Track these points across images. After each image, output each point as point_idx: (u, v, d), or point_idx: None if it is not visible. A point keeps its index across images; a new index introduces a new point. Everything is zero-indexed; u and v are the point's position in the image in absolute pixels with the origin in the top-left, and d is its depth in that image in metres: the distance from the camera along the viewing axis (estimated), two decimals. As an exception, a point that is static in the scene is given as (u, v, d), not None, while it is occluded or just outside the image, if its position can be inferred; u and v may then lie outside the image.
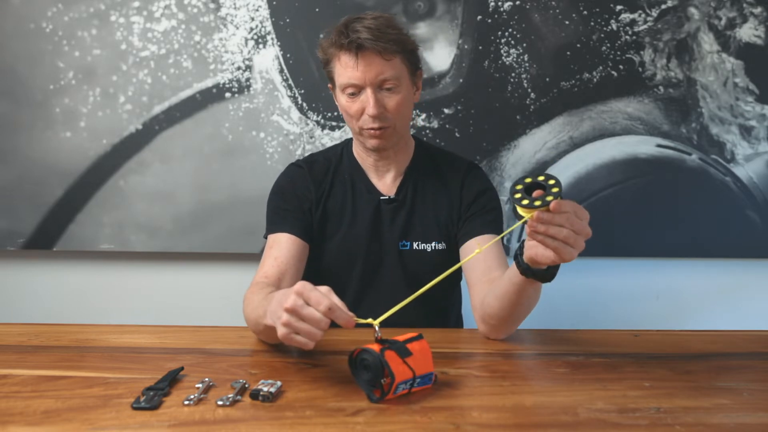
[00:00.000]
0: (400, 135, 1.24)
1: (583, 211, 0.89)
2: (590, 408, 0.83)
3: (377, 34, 1.12)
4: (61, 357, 1.01)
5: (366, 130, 1.19)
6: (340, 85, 1.17)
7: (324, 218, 1.26)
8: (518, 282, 0.99)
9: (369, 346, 0.84)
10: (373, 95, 1.15)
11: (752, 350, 1.09)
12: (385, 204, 1.27)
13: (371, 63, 1.13)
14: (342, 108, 1.20)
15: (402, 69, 1.17)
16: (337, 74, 1.17)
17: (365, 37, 1.11)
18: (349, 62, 1.14)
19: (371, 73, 1.14)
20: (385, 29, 1.14)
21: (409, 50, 1.19)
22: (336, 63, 1.17)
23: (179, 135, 1.78)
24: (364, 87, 1.15)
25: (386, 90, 1.16)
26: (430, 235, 1.26)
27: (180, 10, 1.75)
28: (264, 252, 1.22)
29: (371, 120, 1.17)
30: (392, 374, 0.82)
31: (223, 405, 0.82)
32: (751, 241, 1.81)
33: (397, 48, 1.15)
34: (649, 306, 1.87)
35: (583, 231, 0.88)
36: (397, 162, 1.29)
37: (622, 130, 1.78)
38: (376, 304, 1.23)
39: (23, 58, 1.76)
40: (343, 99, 1.18)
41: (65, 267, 1.86)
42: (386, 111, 1.17)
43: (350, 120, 1.20)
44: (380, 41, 1.12)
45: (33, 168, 1.78)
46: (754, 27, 1.76)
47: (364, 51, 1.12)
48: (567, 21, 1.76)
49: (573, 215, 0.87)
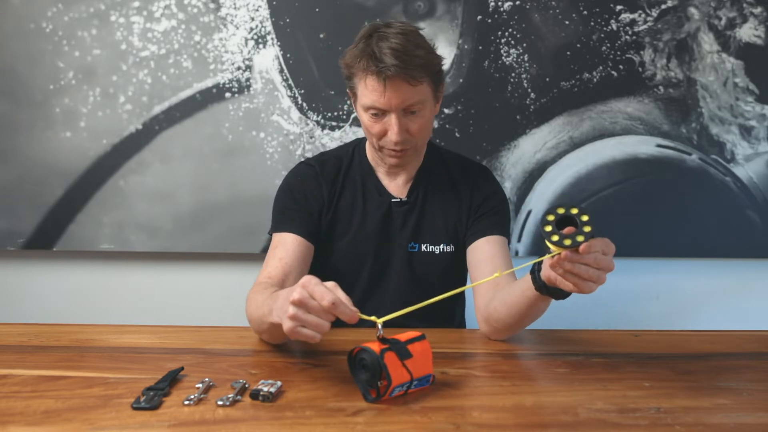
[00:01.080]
0: (420, 152, 1.25)
1: (611, 246, 0.88)
2: (590, 408, 0.83)
3: (405, 59, 1.08)
4: (61, 357, 1.01)
5: (387, 150, 1.19)
6: (364, 105, 1.15)
7: (334, 218, 1.26)
8: (531, 296, 0.99)
9: (369, 345, 0.84)
10: (397, 121, 1.13)
11: (752, 350, 1.09)
12: (396, 206, 1.27)
13: (398, 89, 1.10)
14: (363, 124, 1.19)
15: (428, 92, 1.15)
16: (361, 94, 1.15)
17: (392, 63, 1.08)
18: (377, 87, 1.11)
19: (397, 99, 1.11)
20: (413, 51, 1.10)
21: (436, 71, 1.16)
22: (361, 83, 1.14)
23: (179, 135, 1.78)
24: (389, 111, 1.13)
25: (410, 114, 1.15)
26: (439, 237, 1.27)
27: (180, 10, 1.75)
28: (268, 251, 1.22)
29: (393, 143, 1.16)
30: (389, 378, 0.82)
31: (223, 405, 0.82)
32: (751, 241, 1.81)
33: (424, 73, 1.12)
34: (649, 306, 1.87)
35: (608, 267, 0.87)
36: (410, 165, 1.28)
37: (622, 130, 1.78)
38: (382, 305, 1.23)
39: (23, 58, 1.75)
40: (366, 117, 1.17)
41: (65, 267, 1.86)
42: (409, 134, 1.16)
43: (370, 137, 1.20)
44: (408, 68, 1.09)
45: (33, 168, 1.78)
46: (754, 27, 1.76)
47: (393, 78, 1.09)
48: (567, 21, 1.76)
49: (600, 254, 0.86)
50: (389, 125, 1.14)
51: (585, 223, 0.85)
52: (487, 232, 1.23)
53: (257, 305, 1.02)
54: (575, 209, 0.87)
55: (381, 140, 1.18)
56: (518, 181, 1.79)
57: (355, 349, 0.86)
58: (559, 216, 0.87)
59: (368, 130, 1.18)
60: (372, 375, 0.83)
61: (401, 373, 0.83)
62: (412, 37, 1.12)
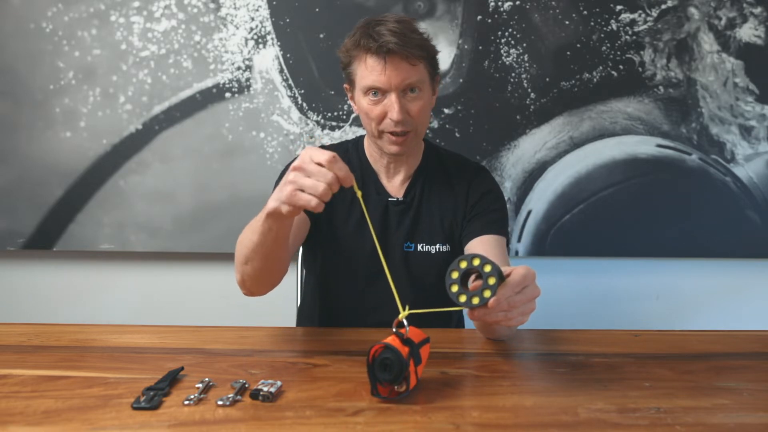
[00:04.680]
0: (419, 140, 1.25)
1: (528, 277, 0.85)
2: (590, 408, 0.83)
3: (404, 39, 1.11)
4: (61, 357, 1.01)
5: (387, 134, 1.19)
6: (363, 87, 1.16)
7: (332, 213, 1.26)
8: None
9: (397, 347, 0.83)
10: (398, 101, 1.14)
11: (752, 350, 1.09)
12: (393, 206, 1.27)
13: (398, 67, 1.13)
14: (362, 110, 1.19)
15: (425, 74, 1.17)
16: (360, 76, 1.16)
17: (393, 41, 1.11)
18: (377, 66, 1.13)
19: (398, 78, 1.13)
20: (410, 33, 1.13)
21: (432, 56, 1.19)
22: (360, 65, 1.16)
23: (179, 135, 1.78)
24: (389, 91, 1.14)
25: (410, 95, 1.16)
26: (435, 237, 1.27)
27: (180, 10, 1.75)
28: None
29: (394, 124, 1.16)
30: (408, 387, 0.82)
31: (223, 405, 0.82)
32: (751, 241, 1.81)
33: (423, 53, 1.14)
34: (649, 306, 1.87)
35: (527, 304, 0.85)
36: (408, 164, 1.29)
37: (622, 130, 1.78)
38: (378, 305, 1.23)
39: (23, 58, 1.76)
40: (365, 101, 1.17)
41: (65, 267, 1.86)
42: (409, 116, 1.17)
43: (369, 122, 1.19)
44: (407, 46, 1.12)
45: (33, 168, 1.78)
46: (754, 27, 1.76)
47: (392, 56, 1.12)
48: (567, 21, 1.76)
49: (513, 296, 0.83)
50: (389, 107, 1.15)
51: (489, 275, 0.82)
52: (482, 232, 1.23)
53: (247, 228, 1.05)
54: (477, 260, 0.84)
55: (381, 124, 1.18)
56: (518, 181, 1.79)
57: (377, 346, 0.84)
58: (463, 270, 0.84)
59: (367, 114, 1.18)
60: (392, 378, 0.82)
61: (414, 379, 0.84)
62: (408, 24, 1.16)
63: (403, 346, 0.83)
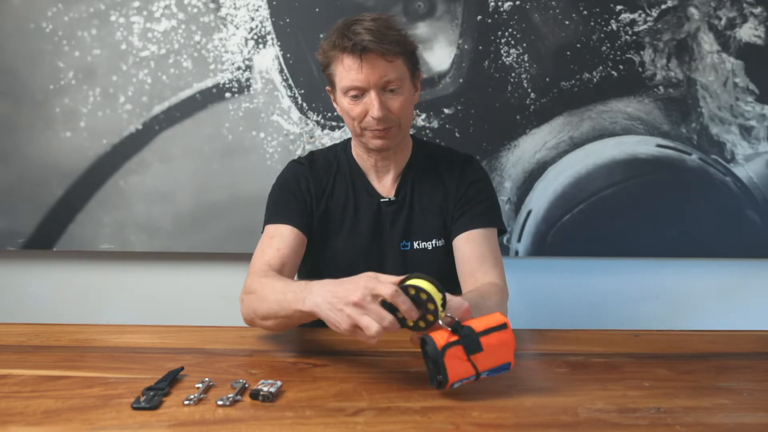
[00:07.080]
0: (404, 134, 1.25)
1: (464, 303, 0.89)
2: (590, 408, 0.83)
3: (379, 36, 1.12)
4: (61, 357, 1.01)
5: (370, 131, 1.19)
6: (343, 88, 1.17)
7: (326, 216, 1.26)
8: None
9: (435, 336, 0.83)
10: (377, 98, 1.14)
11: (752, 350, 1.09)
12: (385, 206, 1.27)
13: (375, 65, 1.13)
14: (343, 110, 1.20)
15: (404, 70, 1.17)
16: (339, 77, 1.17)
17: (368, 39, 1.11)
18: (353, 65, 1.13)
19: (375, 75, 1.13)
20: (386, 30, 1.13)
21: (410, 51, 1.19)
22: (338, 66, 1.16)
23: (179, 135, 1.78)
24: (368, 89, 1.15)
25: (389, 92, 1.16)
26: (430, 233, 1.27)
27: (180, 10, 1.75)
28: (262, 241, 1.21)
29: (375, 122, 1.16)
30: (446, 376, 0.82)
31: (223, 405, 0.82)
32: (751, 241, 1.81)
33: (399, 49, 1.15)
34: (649, 306, 1.87)
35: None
36: (397, 162, 1.29)
37: (622, 130, 1.78)
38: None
39: (23, 58, 1.76)
40: (345, 102, 1.18)
41: (65, 267, 1.86)
42: (390, 113, 1.17)
43: (352, 122, 1.20)
44: (383, 43, 1.12)
45: (33, 168, 1.78)
46: (754, 27, 1.76)
47: (368, 53, 1.12)
48: (567, 21, 1.76)
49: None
50: (369, 104, 1.15)
51: (426, 301, 0.85)
52: (468, 226, 1.23)
53: (275, 290, 1.02)
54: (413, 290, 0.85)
55: (363, 122, 1.18)
56: (518, 181, 1.79)
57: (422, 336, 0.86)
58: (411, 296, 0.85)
59: (348, 114, 1.19)
60: (434, 368, 0.84)
61: (465, 368, 0.83)
62: (384, 21, 1.16)
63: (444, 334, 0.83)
